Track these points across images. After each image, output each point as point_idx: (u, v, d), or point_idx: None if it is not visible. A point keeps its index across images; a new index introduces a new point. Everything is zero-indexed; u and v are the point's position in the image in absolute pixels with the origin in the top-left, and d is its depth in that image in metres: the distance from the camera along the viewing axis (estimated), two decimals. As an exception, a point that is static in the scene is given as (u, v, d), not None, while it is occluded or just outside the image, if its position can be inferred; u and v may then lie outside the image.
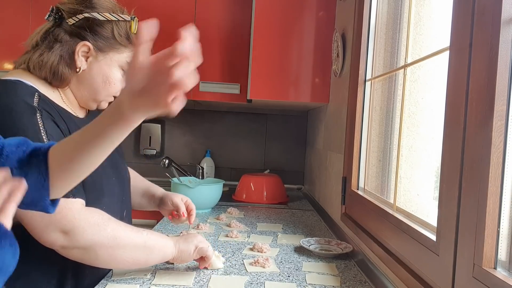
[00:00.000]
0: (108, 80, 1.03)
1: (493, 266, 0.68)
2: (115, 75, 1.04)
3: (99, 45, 1.01)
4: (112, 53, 1.03)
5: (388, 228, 1.09)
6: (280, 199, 2.24)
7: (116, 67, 1.04)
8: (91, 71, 1.02)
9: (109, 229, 0.92)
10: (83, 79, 1.03)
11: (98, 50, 1.01)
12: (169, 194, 1.33)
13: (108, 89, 1.05)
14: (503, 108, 0.67)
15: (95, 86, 1.03)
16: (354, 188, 1.47)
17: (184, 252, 1.06)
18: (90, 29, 1.00)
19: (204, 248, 1.08)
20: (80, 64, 1.00)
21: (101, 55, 1.02)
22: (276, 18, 1.96)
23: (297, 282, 1.09)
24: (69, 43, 0.99)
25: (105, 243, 0.91)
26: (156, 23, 0.64)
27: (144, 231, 1.00)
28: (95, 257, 0.92)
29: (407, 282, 0.93)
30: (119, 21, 1.03)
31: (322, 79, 1.98)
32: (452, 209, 0.77)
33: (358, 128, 1.47)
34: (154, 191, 1.35)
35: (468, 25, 0.75)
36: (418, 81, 1.13)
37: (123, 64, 1.05)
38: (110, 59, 1.03)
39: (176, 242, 1.06)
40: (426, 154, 1.12)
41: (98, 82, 1.03)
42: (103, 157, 0.73)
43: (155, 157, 2.69)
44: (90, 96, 1.05)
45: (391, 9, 1.35)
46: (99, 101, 1.07)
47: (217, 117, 2.74)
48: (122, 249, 0.94)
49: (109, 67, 1.03)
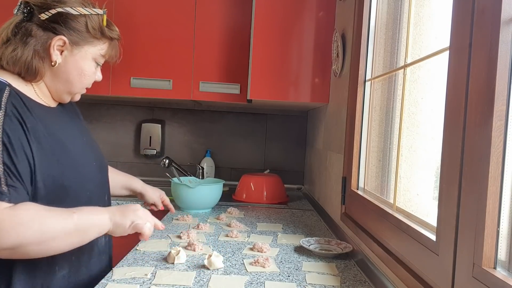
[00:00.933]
0: (83, 72, 1.07)
1: (493, 266, 0.68)
2: (89, 67, 1.08)
3: (73, 39, 1.03)
4: (87, 46, 1.06)
5: (388, 228, 1.09)
6: (280, 199, 2.24)
7: (90, 60, 1.07)
8: (66, 64, 1.04)
9: (36, 225, 0.89)
10: (58, 72, 1.04)
11: (73, 44, 1.03)
12: (149, 192, 1.52)
13: (83, 81, 1.08)
14: (503, 108, 0.67)
15: (70, 79, 1.06)
16: (354, 188, 1.47)
17: (119, 226, 1.01)
18: (64, 23, 1.01)
19: (139, 225, 1.03)
20: (56, 58, 1.02)
21: (76, 49, 1.04)
22: (276, 18, 1.96)
23: (297, 282, 1.10)
24: (43, 38, 1.00)
25: (33, 241, 0.89)
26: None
27: (75, 212, 0.94)
28: (26, 254, 0.91)
29: (407, 282, 0.93)
30: (92, 15, 1.05)
31: (322, 79, 1.99)
32: (452, 209, 0.78)
33: (358, 128, 1.47)
34: (134, 186, 1.50)
35: (468, 25, 0.75)
36: (418, 81, 1.13)
37: (96, 56, 1.08)
38: (85, 52, 1.06)
39: (113, 215, 1.01)
40: (426, 154, 1.12)
41: (73, 75, 1.06)
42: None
43: (155, 157, 2.69)
44: (65, 89, 1.07)
45: (391, 9, 1.35)
46: (73, 93, 1.10)
47: (217, 117, 2.74)
48: (52, 240, 0.92)
49: (83, 60, 1.06)
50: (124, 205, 1.06)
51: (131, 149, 2.73)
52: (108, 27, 1.09)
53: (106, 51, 1.10)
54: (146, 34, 2.26)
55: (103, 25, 1.07)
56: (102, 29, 1.07)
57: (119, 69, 2.26)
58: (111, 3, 2.26)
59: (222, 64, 2.27)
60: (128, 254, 1.26)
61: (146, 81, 2.27)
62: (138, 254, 1.27)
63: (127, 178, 1.52)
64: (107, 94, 2.29)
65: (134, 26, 2.26)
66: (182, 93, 2.27)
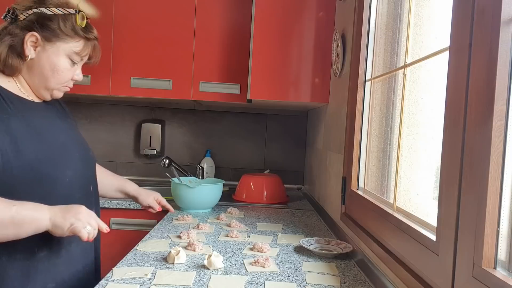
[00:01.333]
0: (55, 68, 1.13)
1: (493, 266, 0.68)
2: (62, 63, 1.14)
3: (46, 35, 1.11)
4: (59, 43, 1.13)
5: (388, 228, 1.09)
6: (280, 199, 2.24)
7: (63, 56, 1.14)
8: (40, 60, 1.12)
9: None
10: (32, 67, 1.13)
11: (45, 40, 1.11)
12: (142, 195, 1.55)
13: (57, 77, 1.14)
14: (503, 108, 0.67)
15: (44, 73, 1.13)
16: (354, 188, 1.47)
17: (58, 227, 1.02)
18: (38, 22, 1.10)
19: (77, 228, 1.02)
20: (29, 52, 1.10)
21: (49, 45, 1.12)
22: (276, 18, 1.97)
23: (297, 282, 1.10)
24: (19, 35, 1.10)
25: None
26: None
27: (15, 205, 0.97)
28: None
29: (407, 282, 0.93)
30: (65, 14, 1.13)
31: (322, 79, 1.99)
32: (451, 209, 0.78)
33: (358, 128, 1.47)
34: (128, 190, 1.54)
35: (468, 25, 0.75)
36: (418, 81, 1.13)
37: (69, 53, 1.15)
38: (57, 48, 1.13)
39: (54, 215, 1.02)
40: (425, 154, 1.12)
41: (47, 70, 1.13)
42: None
43: (155, 157, 2.69)
44: (40, 84, 1.14)
45: (391, 9, 1.35)
46: (50, 89, 1.16)
47: (217, 117, 2.74)
48: None
49: (56, 55, 1.13)
50: (70, 205, 1.06)
51: (131, 149, 2.73)
52: (85, 28, 1.16)
53: (81, 50, 1.16)
54: (146, 34, 2.26)
55: (76, 24, 1.14)
56: (74, 27, 1.14)
57: (119, 69, 2.27)
58: (111, 3, 2.26)
59: (222, 64, 2.27)
60: (128, 254, 1.26)
61: (146, 81, 2.27)
62: (138, 254, 1.27)
63: (121, 181, 1.55)
64: (107, 94, 2.29)
65: (134, 26, 2.26)
66: (182, 93, 2.27)
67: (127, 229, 2.07)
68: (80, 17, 1.14)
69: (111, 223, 2.07)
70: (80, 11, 1.15)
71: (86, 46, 1.17)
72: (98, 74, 2.26)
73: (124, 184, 1.54)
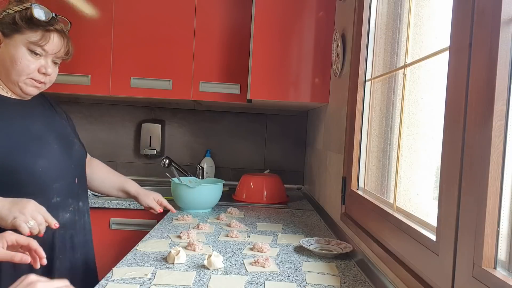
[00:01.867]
0: (13, 58, 1.19)
1: (493, 266, 0.68)
2: (19, 53, 1.19)
3: (5, 32, 1.19)
4: (16, 35, 1.19)
5: (388, 228, 1.09)
6: (280, 199, 2.24)
7: (20, 47, 1.19)
8: (2, 54, 1.20)
9: None
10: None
11: (5, 36, 1.19)
12: (142, 195, 1.55)
13: (16, 68, 1.19)
14: (503, 108, 0.67)
15: (6, 67, 1.20)
16: (354, 188, 1.47)
17: (2, 219, 1.03)
18: (1, 22, 1.19)
19: (18, 222, 1.02)
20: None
21: (8, 39, 1.19)
22: (276, 18, 1.96)
23: (297, 282, 1.10)
24: None
25: None
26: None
27: None
28: None
29: (407, 282, 0.93)
30: (23, 10, 1.19)
31: (322, 79, 1.99)
32: (451, 209, 0.78)
33: (358, 128, 1.47)
34: (128, 189, 1.55)
35: (468, 25, 0.75)
36: (418, 81, 1.13)
37: (26, 44, 1.19)
38: (15, 40, 1.19)
39: (2, 207, 1.03)
40: (425, 154, 1.12)
41: (7, 62, 1.19)
42: None
43: (155, 157, 2.69)
44: (6, 78, 1.21)
45: (391, 9, 1.35)
46: (15, 82, 1.21)
47: (217, 117, 2.74)
48: None
49: (14, 48, 1.19)
50: (20, 199, 1.06)
51: (131, 149, 2.73)
52: (48, 20, 1.20)
53: (39, 40, 1.19)
54: (146, 34, 2.26)
55: (31, 15, 1.18)
56: (28, 18, 1.18)
57: (119, 69, 2.27)
58: (111, 3, 2.26)
59: (222, 64, 2.27)
60: (128, 254, 1.26)
61: (146, 81, 2.27)
62: (138, 254, 1.27)
63: (122, 180, 1.56)
64: (107, 94, 2.29)
65: (134, 26, 2.26)
66: (182, 93, 2.27)
67: (127, 229, 2.07)
68: (36, 9, 1.18)
69: (111, 223, 2.07)
70: (33, 4, 1.20)
71: (45, 36, 1.20)
72: (98, 74, 2.26)
73: (125, 183, 1.56)
